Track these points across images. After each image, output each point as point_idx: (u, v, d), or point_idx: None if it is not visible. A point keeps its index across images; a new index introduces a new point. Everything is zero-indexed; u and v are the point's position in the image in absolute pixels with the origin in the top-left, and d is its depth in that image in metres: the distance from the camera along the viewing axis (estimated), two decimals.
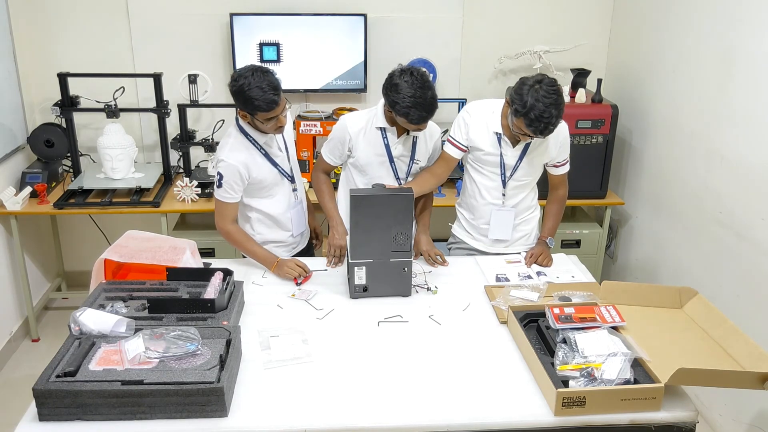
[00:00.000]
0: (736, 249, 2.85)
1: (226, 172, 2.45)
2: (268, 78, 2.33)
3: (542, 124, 2.29)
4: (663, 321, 2.11)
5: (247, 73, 2.32)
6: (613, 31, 3.99)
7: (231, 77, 2.36)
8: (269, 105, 2.32)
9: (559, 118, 2.33)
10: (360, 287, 2.35)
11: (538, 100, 2.26)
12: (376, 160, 2.60)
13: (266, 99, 2.31)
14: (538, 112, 2.27)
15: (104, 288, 2.19)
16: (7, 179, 3.53)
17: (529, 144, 2.54)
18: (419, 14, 3.88)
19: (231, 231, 2.54)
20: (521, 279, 2.51)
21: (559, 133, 2.55)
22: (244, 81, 2.30)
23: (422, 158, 2.66)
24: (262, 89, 2.30)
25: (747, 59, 2.77)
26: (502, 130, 2.53)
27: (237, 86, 2.32)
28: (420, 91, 2.33)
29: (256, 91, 2.29)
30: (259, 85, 2.29)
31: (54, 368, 1.74)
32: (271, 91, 2.31)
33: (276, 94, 2.32)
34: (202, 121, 3.94)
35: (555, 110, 2.28)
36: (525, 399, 1.83)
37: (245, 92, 2.31)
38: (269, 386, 1.87)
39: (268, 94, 2.31)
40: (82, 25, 3.74)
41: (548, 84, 2.30)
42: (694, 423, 1.80)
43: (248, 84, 2.30)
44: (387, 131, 2.57)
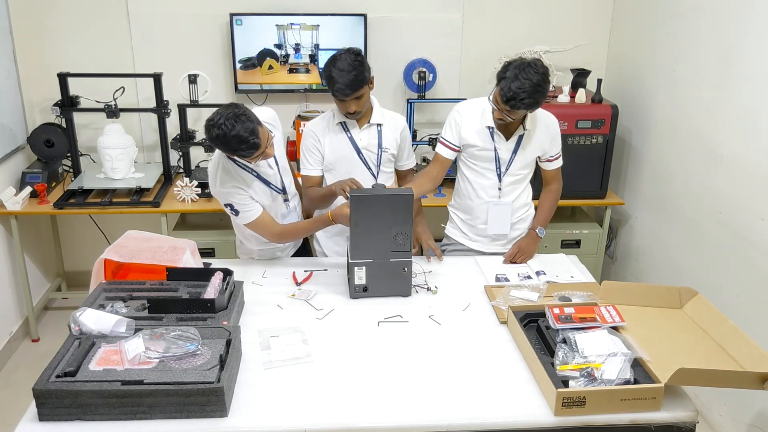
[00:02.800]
0: (736, 249, 2.85)
1: (230, 199, 2.44)
2: (244, 123, 2.21)
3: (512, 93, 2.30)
4: (663, 321, 2.11)
5: (220, 121, 2.21)
6: (613, 32, 3.99)
7: (205, 125, 2.28)
8: (250, 152, 2.26)
9: (534, 96, 2.32)
10: (360, 287, 2.35)
11: (517, 75, 2.30)
12: (345, 155, 2.61)
13: (246, 147, 2.23)
14: (511, 83, 2.30)
15: (104, 288, 2.19)
16: (7, 179, 3.53)
17: (522, 137, 2.56)
18: (419, 14, 3.88)
19: (280, 232, 2.52)
20: (521, 279, 2.51)
21: (550, 126, 2.60)
22: (219, 132, 2.21)
23: (391, 146, 2.67)
24: (240, 138, 2.20)
25: (747, 59, 2.77)
26: (495, 124, 2.54)
27: (213, 136, 2.24)
28: (348, 66, 2.37)
29: (233, 142, 2.21)
30: (236, 134, 2.20)
31: (54, 368, 1.74)
32: (250, 137, 2.21)
33: (255, 138, 2.23)
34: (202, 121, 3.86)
35: (530, 87, 2.30)
36: (525, 399, 1.83)
37: (223, 143, 2.24)
38: (269, 386, 1.87)
39: (248, 141, 2.22)
40: (82, 25, 3.74)
41: (532, 64, 2.34)
42: (694, 423, 1.80)
43: (224, 134, 2.21)
44: (348, 124, 2.60)
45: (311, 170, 2.65)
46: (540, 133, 2.58)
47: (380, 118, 2.64)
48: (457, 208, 2.79)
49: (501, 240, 2.73)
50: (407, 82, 3.88)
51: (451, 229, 2.83)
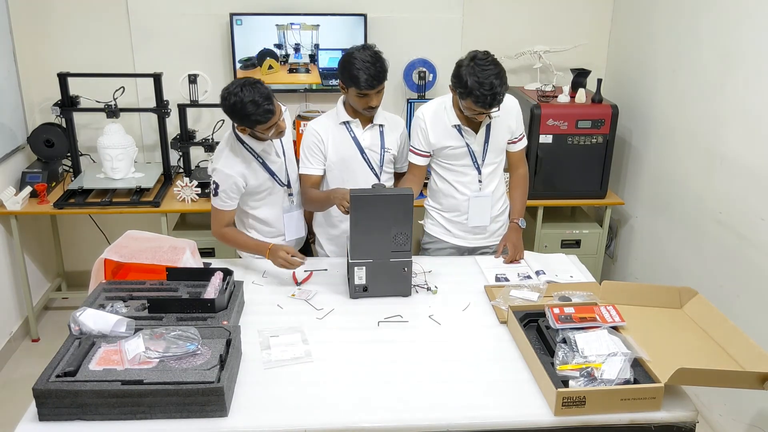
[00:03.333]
0: (736, 249, 2.85)
1: (221, 181, 2.46)
2: (259, 89, 2.30)
3: (489, 96, 2.35)
4: (663, 321, 2.11)
5: (236, 89, 2.29)
6: (613, 31, 3.99)
7: (221, 95, 2.33)
8: (266, 116, 2.32)
9: (503, 86, 2.37)
10: (360, 287, 2.35)
11: (477, 76, 2.34)
12: (348, 155, 2.61)
13: (261, 111, 2.30)
14: (481, 87, 2.34)
15: (104, 288, 2.19)
16: (7, 179, 3.53)
17: (489, 125, 2.57)
18: (419, 14, 3.88)
19: (224, 232, 2.56)
20: (521, 279, 2.51)
21: (512, 107, 2.64)
22: (236, 98, 2.28)
23: (392, 146, 2.69)
24: (255, 103, 2.28)
25: (746, 59, 2.77)
26: (460, 121, 2.56)
27: (229, 104, 2.30)
28: (371, 59, 2.43)
29: (250, 107, 2.28)
30: (252, 99, 2.27)
31: (54, 368, 1.74)
32: (264, 102, 2.30)
33: (270, 104, 2.31)
34: (202, 121, 3.94)
35: (497, 80, 2.35)
36: (525, 399, 1.83)
37: (239, 109, 2.30)
38: (269, 386, 1.87)
39: (263, 106, 2.29)
40: (82, 25, 3.74)
41: (482, 58, 2.39)
42: (694, 423, 1.80)
43: (240, 100, 2.28)
44: (351, 124, 2.60)
45: (311, 169, 2.64)
46: (504, 116, 2.59)
47: (382, 118, 2.65)
48: (438, 207, 2.77)
49: (482, 234, 2.75)
50: (407, 82, 3.88)
51: (431, 226, 2.81)
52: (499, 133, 2.62)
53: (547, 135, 3.50)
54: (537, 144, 3.51)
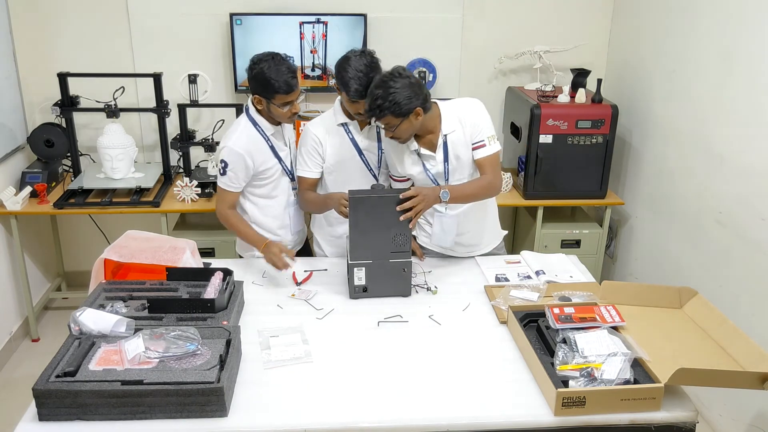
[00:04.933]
0: (736, 249, 2.85)
1: (230, 159, 2.48)
2: (286, 63, 2.42)
3: (369, 106, 2.31)
4: (663, 321, 2.11)
5: (266, 57, 2.41)
6: (613, 31, 3.99)
7: (250, 61, 2.44)
8: (288, 87, 2.40)
9: (383, 100, 2.26)
10: (359, 288, 2.35)
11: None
12: (346, 157, 2.59)
13: (285, 81, 2.39)
14: (368, 100, 2.31)
15: (104, 288, 2.19)
16: (7, 179, 3.53)
17: (446, 142, 2.44)
18: (419, 14, 3.88)
19: (228, 215, 2.57)
20: (521, 279, 2.51)
21: (467, 113, 2.45)
22: (264, 65, 2.39)
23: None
24: (280, 71, 2.38)
25: (746, 59, 2.77)
26: (416, 143, 2.46)
27: (257, 70, 2.40)
28: (365, 68, 2.40)
29: (275, 73, 2.38)
30: (278, 68, 2.38)
31: (54, 368, 1.74)
32: (289, 74, 2.40)
33: (294, 78, 2.42)
34: (202, 121, 3.94)
35: (380, 91, 2.27)
36: (525, 399, 1.83)
37: (265, 75, 2.38)
38: (269, 386, 1.87)
39: (287, 76, 2.39)
40: (82, 25, 3.74)
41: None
42: (694, 423, 1.80)
43: (268, 67, 2.38)
44: (349, 125, 2.58)
45: (308, 172, 2.62)
46: (461, 125, 2.45)
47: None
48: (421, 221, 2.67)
49: (473, 246, 2.67)
50: None
51: (423, 237, 2.72)
52: (459, 146, 2.46)
53: (547, 135, 3.50)
54: (537, 144, 3.51)
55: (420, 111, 2.33)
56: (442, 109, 2.46)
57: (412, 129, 2.37)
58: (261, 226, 2.65)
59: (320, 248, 2.82)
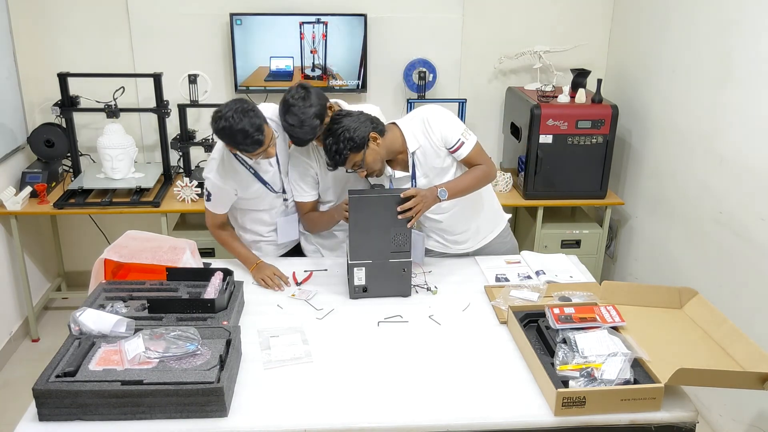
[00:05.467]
0: (736, 249, 2.85)
1: (213, 191, 2.47)
2: (251, 118, 2.22)
3: (330, 156, 2.31)
4: (663, 321, 2.11)
5: (228, 113, 2.22)
6: (613, 32, 3.99)
7: (212, 116, 2.27)
8: (253, 147, 2.26)
9: (336, 144, 2.27)
10: (359, 288, 2.35)
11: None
12: (338, 173, 2.54)
13: (249, 142, 2.24)
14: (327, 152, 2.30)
15: (104, 288, 2.19)
16: (7, 179, 3.53)
17: (413, 160, 2.42)
18: (419, 14, 3.88)
19: (218, 233, 2.58)
20: (521, 279, 2.51)
21: (427, 124, 2.39)
22: (226, 124, 2.21)
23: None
24: (245, 133, 2.21)
25: (746, 60, 2.77)
26: (390, 168, 2.44)
27: (219, 127, 2.24)
28: (299, 120, 2.29)
29: (239, 135, 2.22)
30: (242, 128, 2.20)
31: (54, 368, 1.74)
32: (255, 132, 2.22)
33: (260, 134, 2.23)
34: (202, 121, 3.94)
35: (330, 139, 2.27)
36: (525, 399, 1.83)
37: (228, 135, 2.24)
38: (269, 386, 1.87)
39: (252, 137, 2.22)
40: (82, 25, 3.74)
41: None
42: (694, 423, 1.80)
43: (230, 127, 2.21)
44: None
45: (306, 196, 2.58)
46: (427, 137, 2.40)
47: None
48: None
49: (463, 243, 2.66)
50: (407, 82, 3.88)
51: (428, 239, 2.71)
52: (429, 159, 2.41)
53: (547, 135, 3.50)
54: (537, 144, 3.51)
55: (376, 135, 2.32)
56: (403, 128, 2.42)
57: (379, 157, 2.35)
58: (251, 230, 2.65)
59: (310, 242, 2.77)
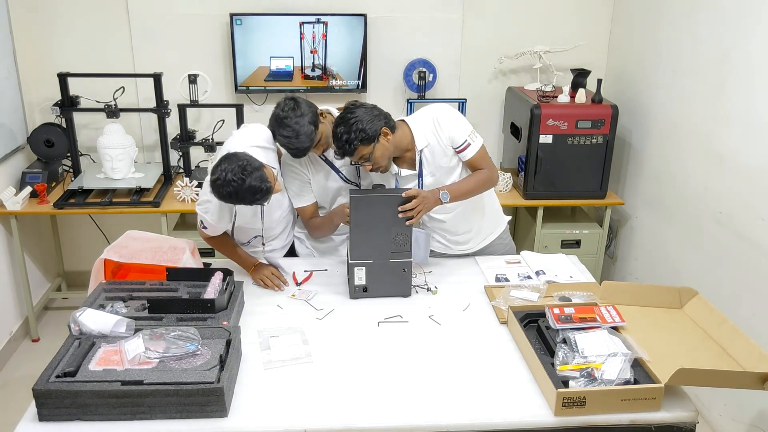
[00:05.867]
0: (736, 249, 2.85)
1: (209, 225, 2.42)
2: (251, 173, 2.12)
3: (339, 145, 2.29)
4: (663, 321, 2.11)
5: (228, 177, 2.10)
6: (613, 32, 3.99)
7: (212, 184, 2.15)
8: (266, 197, 2.20)
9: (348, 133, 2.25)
10: (360, 288, 2.35)
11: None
12: (327, 178, 2.56)
13: (260, 196, 2.17)
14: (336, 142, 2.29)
15: (104, 288, 2.19)
16: (7, 179, 3.53)
17: (421, 157, 2.42)
18: (419, 14, 3.88)
19: (212, 240, 2.53)
20: (521, 279, 2.51)
21: (437, 123, 2.39)
22: (231, 189, 2.12)
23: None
24: (253, 189, 2.13)
25: (747, 59, 2.77)
26: (396, 166, 2.44)
27: (225, 194, 2.14)
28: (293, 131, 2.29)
29: (249, 196, 2.15)
30: (249, 186, 2.12)
31: (54, 368, 1.74)
32: (262, 184, 2.14)
33: (267, 183, 2.16)
34: (202, 121, 3.94)
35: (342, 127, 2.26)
36: (525, 399, 1.83)
37: (238, 198, 2.16)
38: (269, 386, 1.87)
39: (261, 190, 2.15)
40: (82, 25, 3.74)
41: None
42: (694, 423, 1.80)
43: (236, 191, 2.12)
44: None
45: (305, 201, 2.58)
46: (435, 135, 2.41)
47: None
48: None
49: (464, 244, 2.66)
50: (407, 82, 3.88)
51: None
52: (436, 158, 2.42)
53: (547, 135, 3.50)
54: (537, 144, 3.51)
55: (387, 131, 2.32)
56: (412, 126, 2.42)
57: (387, 152, 2.35)
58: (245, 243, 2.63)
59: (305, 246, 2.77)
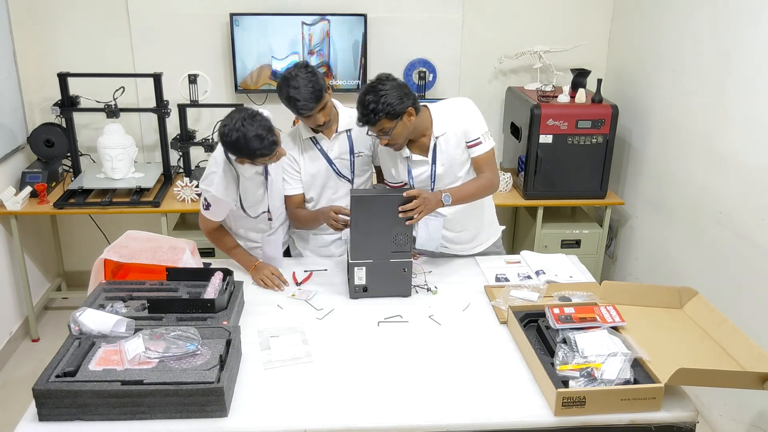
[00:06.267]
0: (736, 249, 2.85)
1: (213, 202, 2.42)
2: (260, 122, 2.21)
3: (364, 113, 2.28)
4: (663, 321, 2.11)
5: (236, 125, 2.18)
6: (613, 32, 3.99)
7: (220, 132, 2.23)
8: (271, 149, 2.23)
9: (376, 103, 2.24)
10: (360, 287, 2.35)
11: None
12: (320, 171, 2.55)
13: (267, 145, 2.21)
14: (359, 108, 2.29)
15: (104, 288, 2.19)
16: (7, 179, 3.53)
17: (436, 145, 2.44)
18: (419, 14, 3.88)
19: (214, 236, 2.56)
20: (521, 279, 2.51)
21: (459, 114, 2.43)
22: (239, 134, 2.17)
23: (364, 148, 2.60)
24: (260, 137, 2.18)
25: (747, 59, 2.77)
26: (408, 149, 2.45)
27: (232, 140, 2.19)
28: (303, 81, 2.31)
29: (255, 142, 2.18)
30: (256, 134, 2.18)
31: (54, 368, 1.74)
32: (268, 134, 2.20)
33: (273, 135, 2.23)
34: (202, 121, 3.94)
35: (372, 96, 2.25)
36: (525, 399, 1.83)
37: (243, 146, 2.20)
38: (269, 386, 1.87)
39: (267, 139, 2.20)
40: (82, 25, 3.74)
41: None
42: (694, 423, 1.80)
43: (243, 135, 2.17)
44: (317, 138, 2.54)
45: (292, 189, 2.58)
46: (453, 126, 2.43)
47: (348, 122, 2.55)
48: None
49: (457, 244, 2.66)
50: (407, 81, 3.87)
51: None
52: (449, 148, 2.43)
53: (547, 135, 3.50)
54: (537, 144, 3.51)
55: (412, 111, 2.32)
56: (433, 112, 2.44)
57: (406, 131, 2.35)
58: (244, 236, 2.63)
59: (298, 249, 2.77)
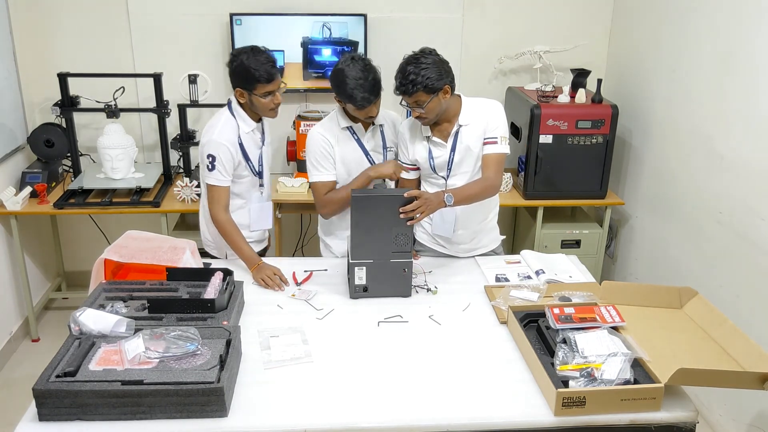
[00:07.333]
0: (736, 249, 2.85)
1: (218, 152, 2.47)
2: (265, 54, 2.44)
3: (402, 81, 2.34)
4: (663, 321, 2.11)
5: (245, 50, 2.44)
6: (613, 32, 3.99)
7: (229, 58, 2.48)
8: (269, 75, 2.42)
9: (416, 74, 2.32)
10: (360, 287, 2.35)
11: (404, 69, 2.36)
12: (355, 158, 2.59)
13: (266, 70, 2.40)
14: (399, 76, 2.37)
15: (104, 288, 2.19)
16: (7, 179, 3.53)
17: (458, 133, 2.48)
18: (419, 14, 3.88)
19: (224, 221, 2.54)
20: (521, 279, 2.51)
21: (488, 112, 2.51)
22: (243, 56, 2.41)
23: (393, 144, 2.66)
24: (259, 61, 2.41)
25: (747, 59, 2.77)
26: (430, 130, 2.51)
27: (236, 63, 2.42)
28: (362, 74, 2.40)
29: (254, 63, 2.40)
30: (257, 58, 2.41)
31: (54, 368, 1.74)
32: (268, 63, 2.42)
33: (274, 67, 2.44)
34: (202, 121, 3.94)
35: (413, 66, 2.32)
36: (525, 399, 1.83)
37: (244, 66, 2.40)
38: (269, 386, 1.87)
39: (266, 66, 2.41)
40: (82, 25, 3.74)
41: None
42: (694, 423, 1.80)
43: (247, 58, 2.40)
44: (354, 128, 2.58)
45: (327, 175, 2.58)
46: (479, 120, 2.49)
47: (381, 117, 2.63)
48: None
49: (467, 243, 2.67)
50: None
51: (420, 233, 2.73)
52: (469, 139, 2.48)
53: (547, 135, 3.50)
54: (537, 144, 3.51)
55: (449, 89, 2.40)
56: (464, 102, 2.52)
57: (439, 108, 2.41)
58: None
59: (330, 250, 2.78)
